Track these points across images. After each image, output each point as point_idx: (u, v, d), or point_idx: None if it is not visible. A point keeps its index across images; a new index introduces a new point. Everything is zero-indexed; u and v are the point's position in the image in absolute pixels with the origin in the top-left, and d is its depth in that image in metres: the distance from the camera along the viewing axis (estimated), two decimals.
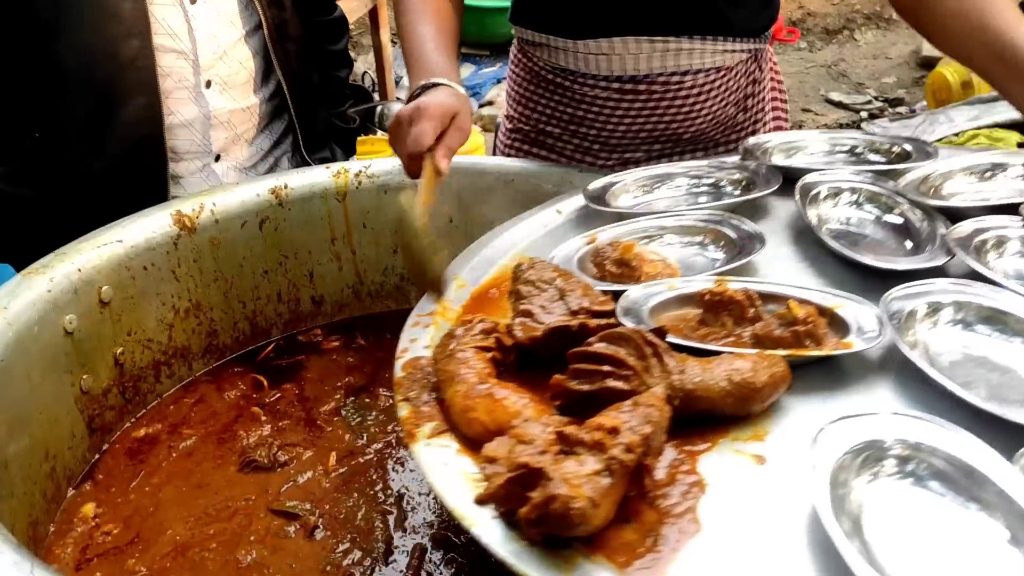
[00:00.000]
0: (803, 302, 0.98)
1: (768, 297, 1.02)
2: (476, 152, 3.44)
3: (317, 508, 1.18)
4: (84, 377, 1.26)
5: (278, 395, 1.41)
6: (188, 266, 1.40)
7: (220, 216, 1.42)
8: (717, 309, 1.00)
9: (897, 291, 1.01)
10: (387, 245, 1.58)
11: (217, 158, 1.64)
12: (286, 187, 1.48)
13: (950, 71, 4.76)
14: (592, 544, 0.73)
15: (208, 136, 1.60)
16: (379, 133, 4.49)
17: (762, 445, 0.85)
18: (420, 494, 1.20)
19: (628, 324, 0.96)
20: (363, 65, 5.10)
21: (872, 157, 1.43)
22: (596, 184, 1.35)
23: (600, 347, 0.87)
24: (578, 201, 1.34)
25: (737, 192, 1.34)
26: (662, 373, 0.86)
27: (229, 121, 1.62)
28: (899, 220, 1.23)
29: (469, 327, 0.97)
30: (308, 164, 1.76)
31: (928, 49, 5.62)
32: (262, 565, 1.09)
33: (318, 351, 1.52)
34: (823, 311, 0.99)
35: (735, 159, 1.42)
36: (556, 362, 0.91)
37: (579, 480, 0.70)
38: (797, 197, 1.23)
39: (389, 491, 1.21)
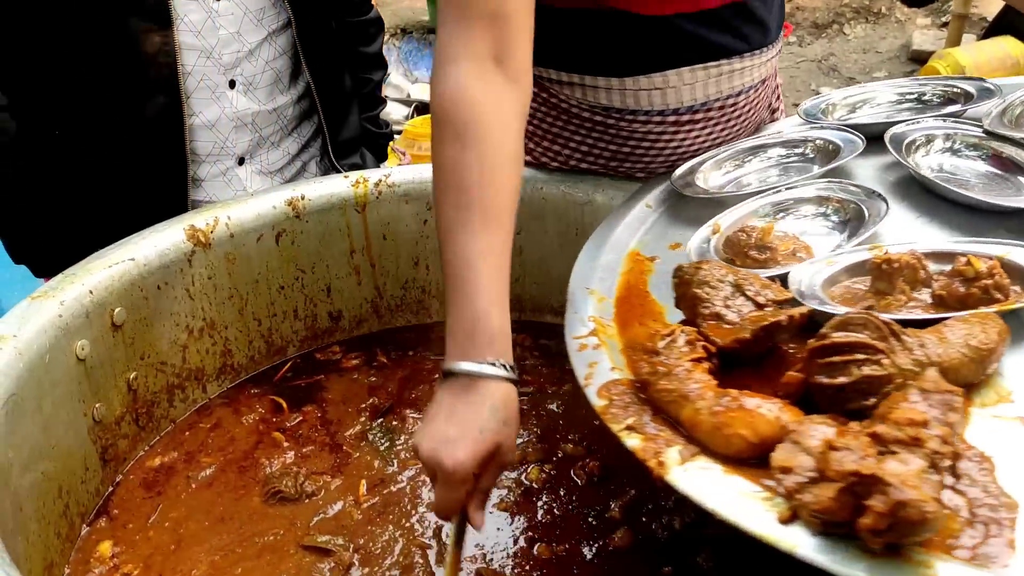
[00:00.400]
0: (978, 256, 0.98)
1: (928, 256, 1.01)
2: None
3: (351, 543, 1.11)
4: (97, 406, 1.18)
5: (299, 418, 1.34)
6: (202, 283, 1.32)
7: (235, 230, 1.34)
8: (891, 276, 0.98)
9: None
10: (408, 257, 1.51)
11: (241, 161, 1.56)
12: (303, 198, 1.40)
13: (943, 65, 4.74)
14: (925, 544, 0.69)
15: (231, 139, 1.53)
16: None
17: (1014, 406, 0.84)
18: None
19: (817, 308, 0.95)
20: None
21: (937, 102, 1.44)
22: (679, 172, 1.34)
23: (842, 336, 0.83)
24: (661, 193, 1.34)
25: (819, 157, 1.33)
26: (904, 351, 0.83)
27: (254, 123, 1.55)
28: (998, 159, 1.24)
29: (671, 341, 0.92)
30: (337, 170, 1.68)
31: (919, 43, 5.61)
32: None
33: (338, 370, 1.44)
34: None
35: (792, 123, 1.45)
36: (748, 359, 0.92)
37: (915, 481, 0.67)
38: (891, 149, 1.23)
39: (426, 522, 1.14)
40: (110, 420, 1.21)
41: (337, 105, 1.67)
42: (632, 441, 0.86)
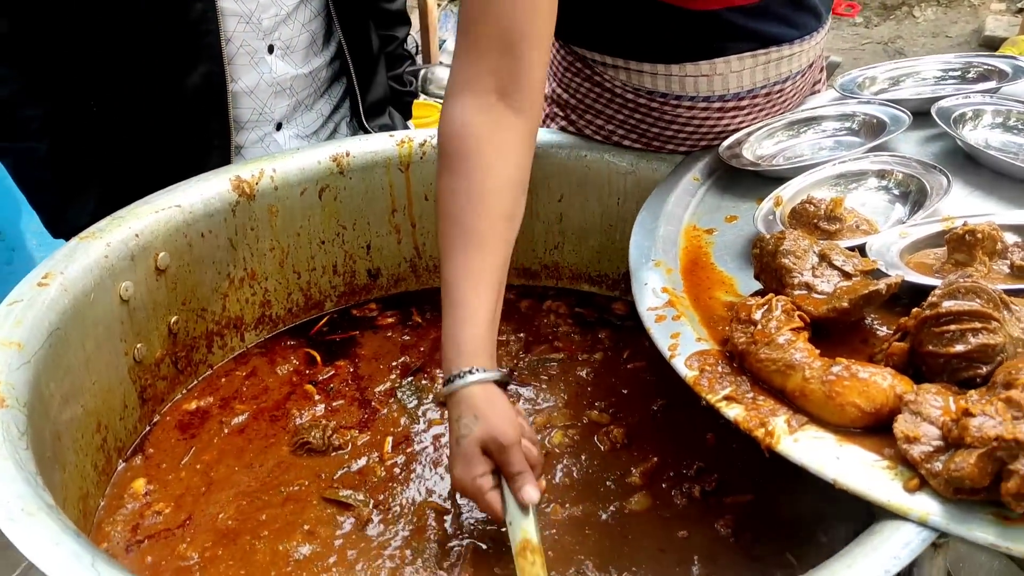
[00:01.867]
0: None
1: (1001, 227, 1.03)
2: None
3: (371, 499, 1.13)
4: (138, 346, 1.21)
5: (332, 372, 1.36)
6: (245, 234, 1.34)
7: (279, 183, 1.36)
8: (972, 247, 0.99)
9: None
10: None
11: (279, 127, 1.57)
12: (348, 155, 1.41)
13: (1015, 52, 4.57)
14: None
15: (270, 104, 1.54)
16: (422, 98, 4.41)
17: None
18: None
19: (907, 278, 0.97)
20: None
21: (973, 77, 1.45)
22: (726, 143, 1.35)
23: (957, 305, 0.83)
24: (707, 166, 1.34)
25: (866, 131, 1.34)
26: (1014, 320, 0.84)
27: (291, 87, 1.55)
28: None
29: (767, 310, 0.93)
30: (366, 130, 1.69)
31: (991, 28, 5.42)
32: (312, 561, 1.04)
33: (373, 327, 1.46)
34: None
35: (830, 97, 1.45)
36: (838, 329, 0.95)
37: None
38: (940, 122, 1.24)
39: (445, 483, 1.15)
40: (150, 361, 1.24)
41: (366, 65, 1.67)
42: (733, 411, 0.87)
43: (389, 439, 1.22)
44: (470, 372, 1.00)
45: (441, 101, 4.14)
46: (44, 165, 1.45)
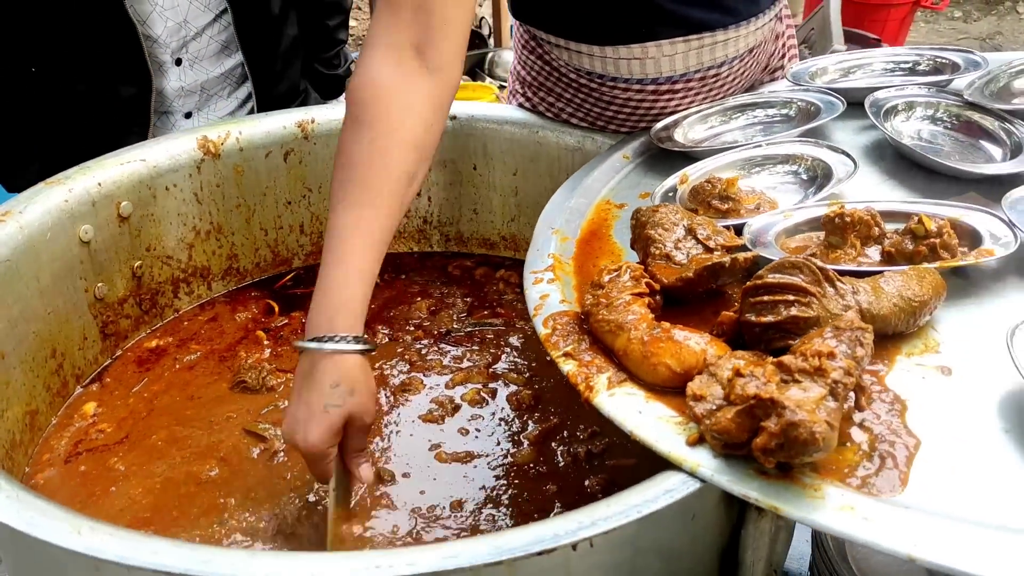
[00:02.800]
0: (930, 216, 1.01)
1: (885, 215, 1.05)
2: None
3: (279, 437, 1.22)
4: (99, 285, 1.34)
5: (285, 322, 1.46)
6: (211, 190, 1.46)
7: (245, 144, 1.47)
8: (844, 231, 1.02)
9: (1016, 193, 1.04)
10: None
11: (188, 115, 1.70)
12: (313, 121, 1.51)
13: None
14: (818, 469, 0.76)
15: (178, 102, 1.67)
16: (487, 80, 4.49)
17: (939, 356, 0.89)
18: (378, 435, 1.23)
19: (762, 254, 1.00)
20: (480, 11, 5.09)
21: (925, 70, 1.46)
22: (660, 125, 1.38)
23: (776, 278, 0.88)
24: (640, 145, 1.38)
25: (800, 118, 1.35)
26: (836, 297, 0.88)
27: (202, 88, 1.69)
28: (974, 128, 1.27)
29: (616, 275, 0.98)
30: None
31: None
32: (218, 482, 1.15)
33: None
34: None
35: (784, 85, 1.47)
36: (692, 299, 1.00)
37: (811, 406, 0.73)
38: (870, 113, 1.25)
39: None
40: (112, 300, 1.37)
41: (268, 71, 1.77)
42: (567, 366, 0.93)
43: None
44: (353, 340, 0.99)
45: (504, 83, 4.19)
46: None
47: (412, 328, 1.45)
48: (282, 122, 1.50)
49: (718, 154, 1.26)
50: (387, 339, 1.43)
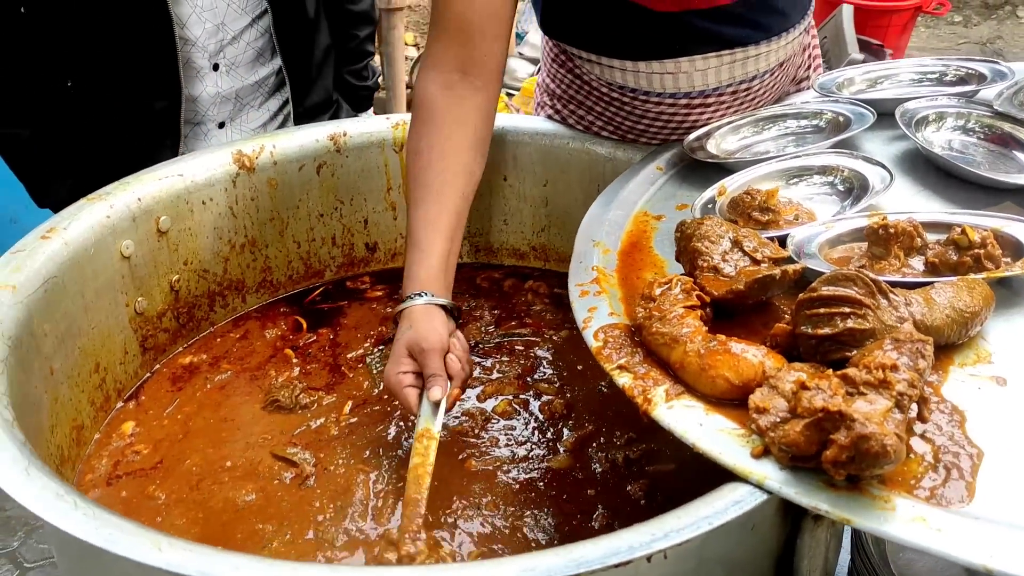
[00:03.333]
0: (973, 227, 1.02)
1: (925, 226, 1.06)
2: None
3: (315, 457, 1.22)
4: (139, 299, 1.35)
5: (313, 339, 1.47)
6: (245, 204, 1.47)
7: (279, 158, 1.48)
8: (888, 242, 1.04)
9: None
10: None
11: (221, 125, 1.72)
12: (345, 134, 1.52)
13: None
14: (885, 481, 0.77)
15: (212, 110, 1.68)
16: None
17: (992, 367, 0.90)
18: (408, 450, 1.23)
19: (810, 266, 1.02)
20: None
21: (952, 81, 1.47)
22: (692, 137, 1.39)
23: (831, 290, 0.89)
24: (673, 157, 1.39)
25: (830, 129, 1.37)
26: (890, 309, 0.89)
27: (237, 96, 1.70)
28: (1006, 138, 1.28)
29: (667, 288, 1.00)
30: None
31: None
32: (252, 509, 1.14)
33: (361, 299, 1.57)
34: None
35: (812, 95, 1.48)
36: (741, 311, 1.00)
37: (879, 418, 0.74)
38: (901, 124, 1.27)
39: (380, 449, 1.23)
40: (152, 314, 1.38)
41: (305, 77, 1.79)
42: (623, 379, 0.94)
43: (349, 402, 1.32)
44: (419, 295, 1.17)
45: (512, 91, 4.24)
46: (27, 147, 1.64)
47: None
48: (315, 135, 1.51)
49: (753, 166, 1.27)
50: None
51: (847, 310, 0.87)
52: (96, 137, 1.66)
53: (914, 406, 0.81)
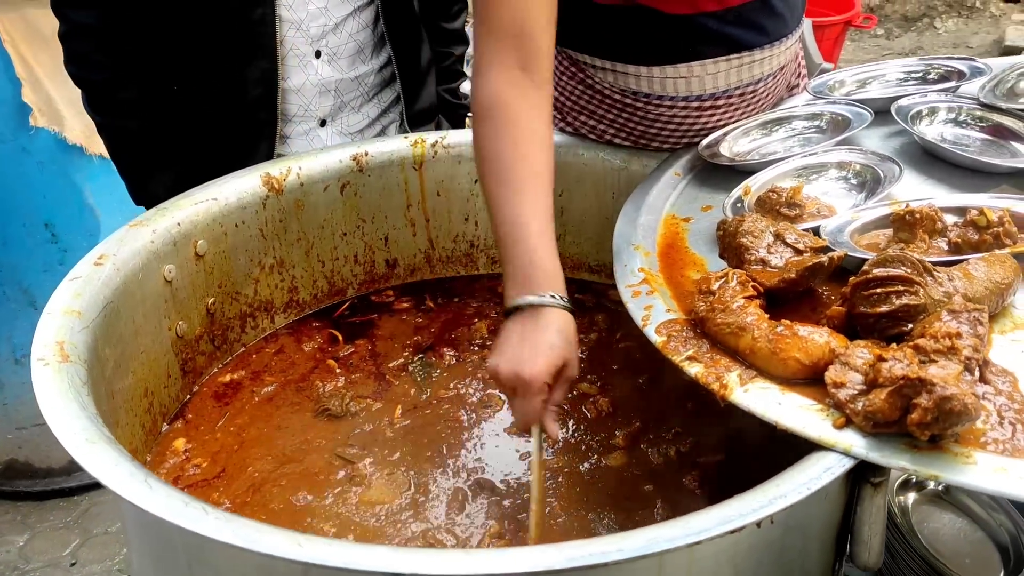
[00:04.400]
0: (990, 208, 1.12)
1: (943, 210, 1.16)
2: None
3: (372, 456, 1.27)
4: (180, 323, 1.37)
5: (352, 350, 1.51)
6: (274, 225, 1.50)
7: (305, 179, 1.51)
8: (913, 227, 1.13)
9: None
10: (459, 213, 1.66)
11: (323, 123, 1.73)
12: (367, 154, 1.57)
13: None
14: (958, 439, 0.84)
15: (314, 102, 1.70)
16: None
17: None
18: (468, 448, 1.29)
19: (851, 253, 1.10)
20: None
21: (935, 78, 1.58)
22: (705, 142, 1.47)
23: (884, 271, 0.97)
24: (688, 162, 1.47)
25: (832, 128, 1.46)
26: (936, 285, 0.97)
27: (336, 90, 1.71)
28: (993, 127, 1.39)
29: (724, 281, 1.06)
30: None
31: (1012, 39, 5.47)
32: (311, 508, 1.19)
33: (390, 311, 1.61)
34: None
35: (806, 98, 1.58)
36: (791, 298, 1.09)
37: (955, 381, 0.81)
38: (898, 119, 1.37)
39: (437, 446, 1.29)
40: (191, 337, 1.40)
41: (414, 77, 1.82)
42: (694, 368, 1.01)
43: (399, 407, 1.36)
44: (562, 299, 1.11)
45: None
46: (135, 140, 1.67)
47: (476, 348, 1.51)
48: (338, 156, 1.55)
49: (770, 166, 1.36)
50: (455, 360, 1.48)
51: (900, 288, 0.95)
52: (197, 132, 1.68)
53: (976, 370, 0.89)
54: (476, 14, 1.25)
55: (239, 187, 1.45)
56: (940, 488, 1.26)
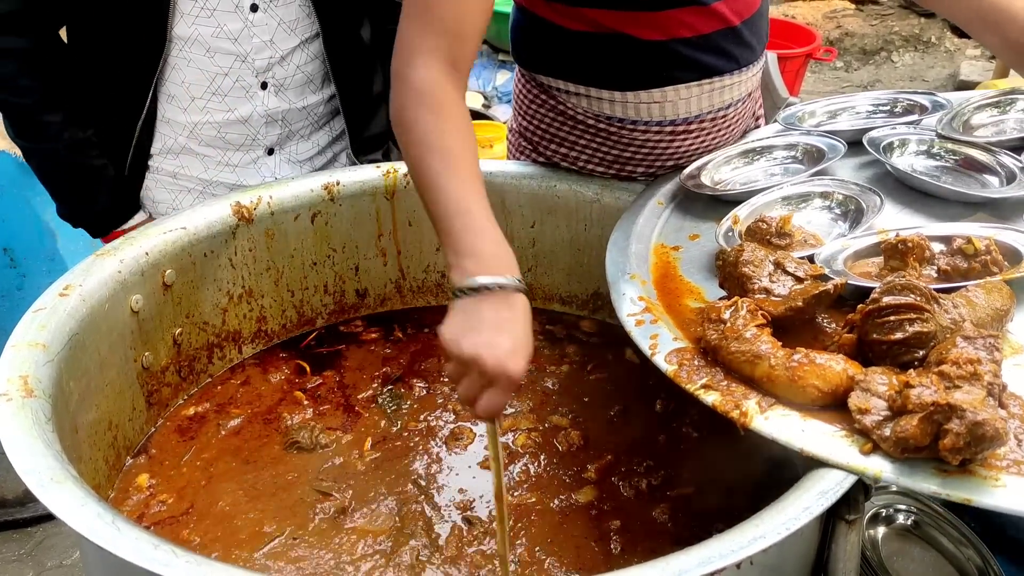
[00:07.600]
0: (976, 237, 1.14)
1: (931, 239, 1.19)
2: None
3: (350, 489, 1.25)
4: (146, 354, 1.34)
5: (319, 381, 1.49)
6: (244, 255, 1.48)
7: (275, 208, 1.50)
8: (904, 255, 1.15)
9: None
10: (431, 243, 1.65)
11: (271, 152, 1.72)
12: (338, 184, 1.56)
13: None
14: (983, 463, 0.86)
15: (261, 132, 1.69)
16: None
17: None
18: (443, 481, 1.28)
19: (851, 281, 1.12)
20: None
21: (900, 112, 1.62)
22: (686, 172, 1.49)
23: (895, 299, 0.98)
24: (669, 191, 1.48)
25: (807, 159, 1.50)
26: (942, 312, 0.99)
27: (284, 119, 1.70)
28: (961, 158, 1.43)
29: (735, 310, 1.06)
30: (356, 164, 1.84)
31: (966, 73, 5.62)
32: (287, 545, 1.17)
33: (358, 342, 1.59)
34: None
35: (775, 129, 1.61)
36: (795, 326, 1.09)
37: (982, 406, 0.83)
38: (871, 151, 1.41)
39: (412, 476, 1.28)
40: (156, 368, 1.37)
41: (361, 108, 1.82)
42: (711, 397, 1.00)
43: (369, 439, 1.35)
44: (519, 281, 1.07)
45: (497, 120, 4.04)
46: (62, 163, 1.65)
47: (446, 379, 1.50)
48: (309, 185, 1.54)
49: (754, 196, 1.37)
50: (425, 391, 1.47)
51: (912, 316, 0.97)
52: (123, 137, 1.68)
53: None
54: (411, 6, 1.25)
55: (208, 216, 1.43)
56: (909, 523, 1.28)
